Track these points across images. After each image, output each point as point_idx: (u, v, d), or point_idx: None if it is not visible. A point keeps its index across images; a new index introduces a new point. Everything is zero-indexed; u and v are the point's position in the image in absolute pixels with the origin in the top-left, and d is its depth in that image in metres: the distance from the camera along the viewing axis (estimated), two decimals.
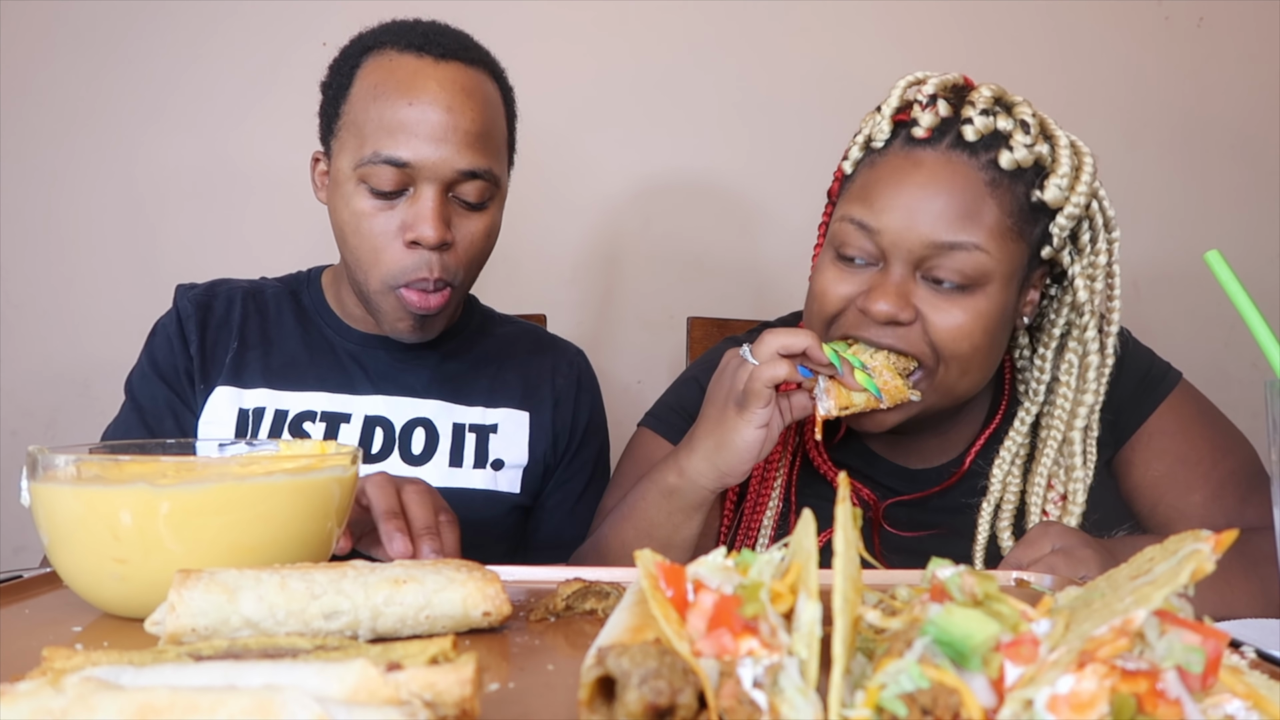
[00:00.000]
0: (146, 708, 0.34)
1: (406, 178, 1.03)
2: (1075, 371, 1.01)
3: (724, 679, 0.39)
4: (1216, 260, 0.72)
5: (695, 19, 1.79)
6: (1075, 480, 1.00)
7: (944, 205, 0.91)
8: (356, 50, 1.10)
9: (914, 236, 0.91)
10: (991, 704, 0.37)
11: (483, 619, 0.58)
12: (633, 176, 1.80)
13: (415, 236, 1.03)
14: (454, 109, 1.03)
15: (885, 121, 0.96)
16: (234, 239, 1.73)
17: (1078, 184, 0.94)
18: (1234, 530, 0.43)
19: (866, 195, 0.95)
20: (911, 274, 0.93)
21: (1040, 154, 0.93)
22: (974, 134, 0.92)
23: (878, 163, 0.96)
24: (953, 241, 0.91)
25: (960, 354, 0.94)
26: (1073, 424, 1.00)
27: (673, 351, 1.77)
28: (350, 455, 0.70)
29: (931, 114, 0.93)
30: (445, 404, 1.18)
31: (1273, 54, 1.87)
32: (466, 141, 1.03)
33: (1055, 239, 0.96)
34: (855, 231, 0.94)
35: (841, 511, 0.45)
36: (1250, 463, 1.07)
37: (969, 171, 0.92)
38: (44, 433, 1.70)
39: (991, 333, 0.95)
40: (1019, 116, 0.93)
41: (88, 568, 0.62)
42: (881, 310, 0.92)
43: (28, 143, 1.70)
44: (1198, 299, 1.84)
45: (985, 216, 0.91)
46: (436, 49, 1.06)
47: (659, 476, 0.97)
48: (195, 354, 1.16)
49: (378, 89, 1.05)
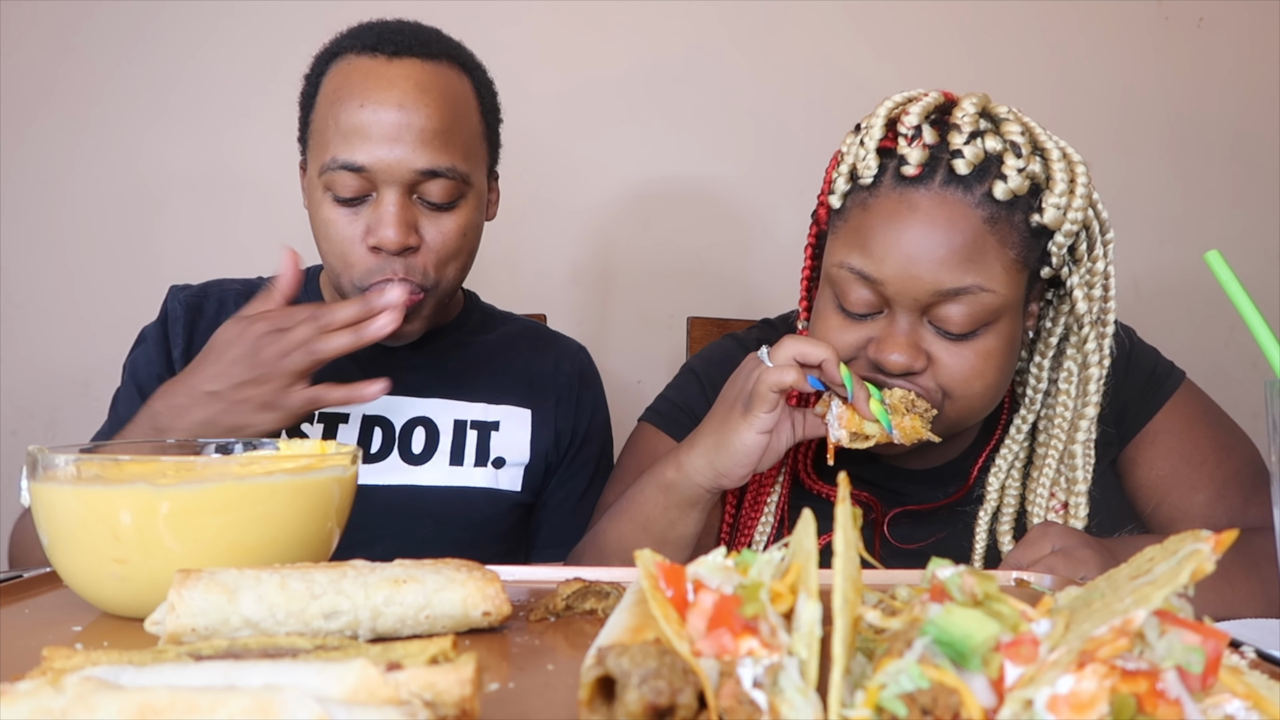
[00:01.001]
0: (146, 708, 0.34)
1: (366, 182, 1.02)
2: (1075, 380, 0.99)
3: (724, 679, 0.39)
4: (1216, 260, 0.72)
5: (697, 22, 1.79)
6: (1077, 493, 0.99)
7: (946, 251, 0.88)
8: (324, 58, 1.09)
9: (919, 286, 0.88)
10: (991, 704, 0.37)
11: (483, 619, 0.58)
12: (633, 178, 1.80)
13: (376, 241, 1.02)
14: (406, 106, 1.01)
15: (871, 156, 0.92)
16: (233, 239, 1.73)
17: (1073, 199, 0.91)
18: (1234, 530, 0.43)
19: (863, 242, 0.91)
20: (919, 320, 0.91)
21: (1034, 174, 0.90)
22: (966, 167, 0.88)
23: (870, 204, 0.92)
24: (958, 288, 0.88)
25: (973, 393, 0.93)
26: (1074, 436, 0.99)
27: (673, 351, 1.78)
28: (350, 455, 0.70)
29: (919, 149, 0.89)
30: (446, 401, 1.17)
31: (1273, 54, 1.87)
32: (422, 139, 1.01)
33: (1054, 258, 0.94)
34: (856, 281, 0.92)
35: (841, 511, 0.45)
36: (1254, 462, 1.07)
37: (966, 210, 0.88)
38: (44, 433, 1.70)
39: (1003, 368, 0.94)
40: (1008, 137, 0.90)
41: (88, 568, 0.62)
42: (896, 362, 0.90)
43: (28, 143, 1.70)
44: (1198, 299, 1.84)
45: (988, 255, 0.89)
46: (389, 47, 1.04)
47: (658, 470, 0.97)
48: (179, 357, 1.14)
49: (336, 94, 1.04)
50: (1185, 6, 1.86)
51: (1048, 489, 1.00)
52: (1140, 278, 1.86)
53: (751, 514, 1.07)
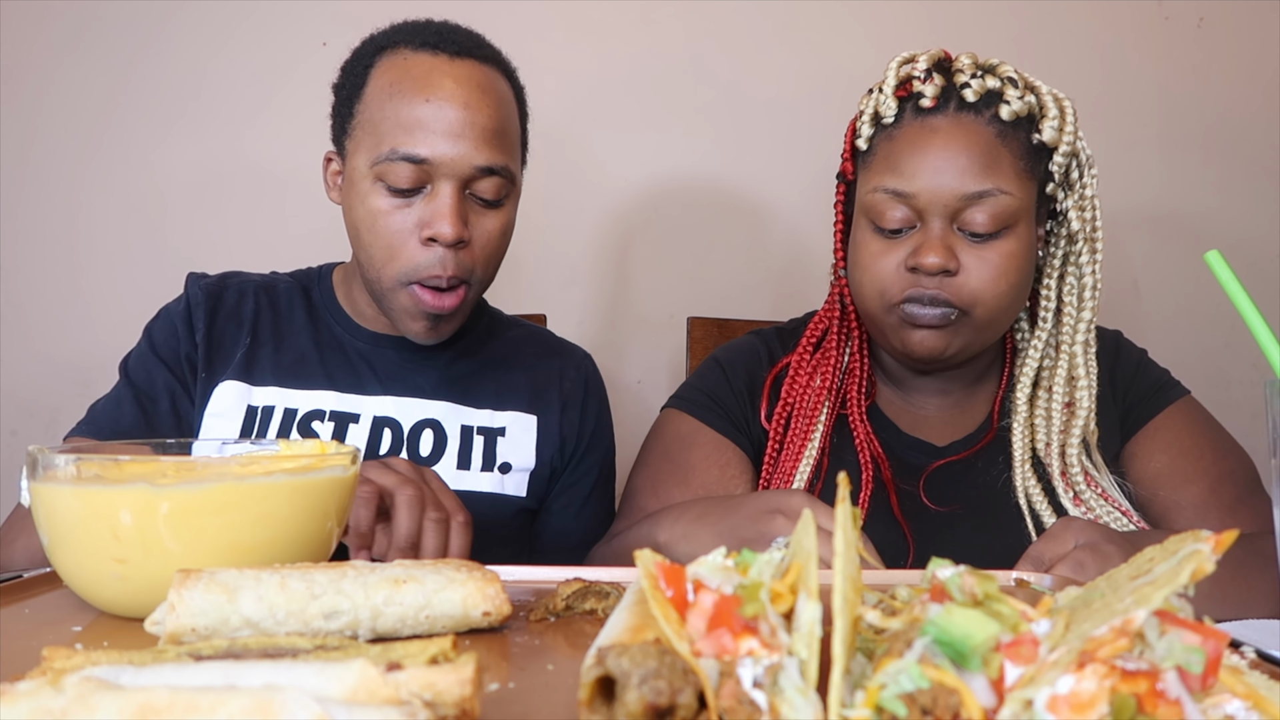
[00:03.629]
0: (146, 708, 0.34)
1: (424, 175, 1.03)
2: (1076, 292, 1.11)
3: (724, 679, 0.39)
4: (1216, 260, 0.72)
5: (700, 23, 1.79)
6: (1080, 388, 1.09)
7: (967, 161, 1.01)
8: (370, 50, 1.10)
9: (947, 192, 1.01)
10: (991, 704, 0.37)
11: (483, 619, 0.58)
12: (634, 177, 1.80)
13: (433, 233, 1.03)
14: (471, 105, 1.03)
15: (890, 99, 1.05)
16: (237, 239, 1.73)
17: (1065, 123, 1.05)
18: (1234, 530, 0.43)
19: (894, 165, 1.04)
20: (950, 227, 1.02)
21: (1031, 103, 1.05)
22: (974, 95, 1.03)
23: (895, 135, 1.05)
24: (981, 190, 1.00)
25: (999, 294, 1.03)
26: (1075, 339, 1.10)
27: (673, 351, 1.77)
28: (350, 455, 0.70)
29: (932, 85, 1.04)
30: (454, 406, 1.18)
31: (1272, 54, 1.86)
32: (484, 138, 1.04)
33: (1056, 175, 1.07)
34: (890, 200, 1.03)
35: (841, 511, 0.45)
36: (1248, 469, 1.11)
37: (979, 128, 1.02)
38: (44, 433, 1.70)
39: (1023, 270, 1.05)
40: (1004, 75, 1.06)
41: (88, 568, 0.62)
42: (933, 263, 1.00)
43: (30, 142, 1.70)
44: (1198, 299, 1.84)
45: (1003, 163, 1.02)
46: (451, 47, 1.06)
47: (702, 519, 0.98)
48: (201, 341, 1.15)
49: (394, 87, 1.05)
50: (1185, 6, 1.86)
51: (1058, 394, 1.10)
52: (1140, 278, 1.86)
53: (797, 452, 1.13)
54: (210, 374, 1.14)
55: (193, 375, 1.14)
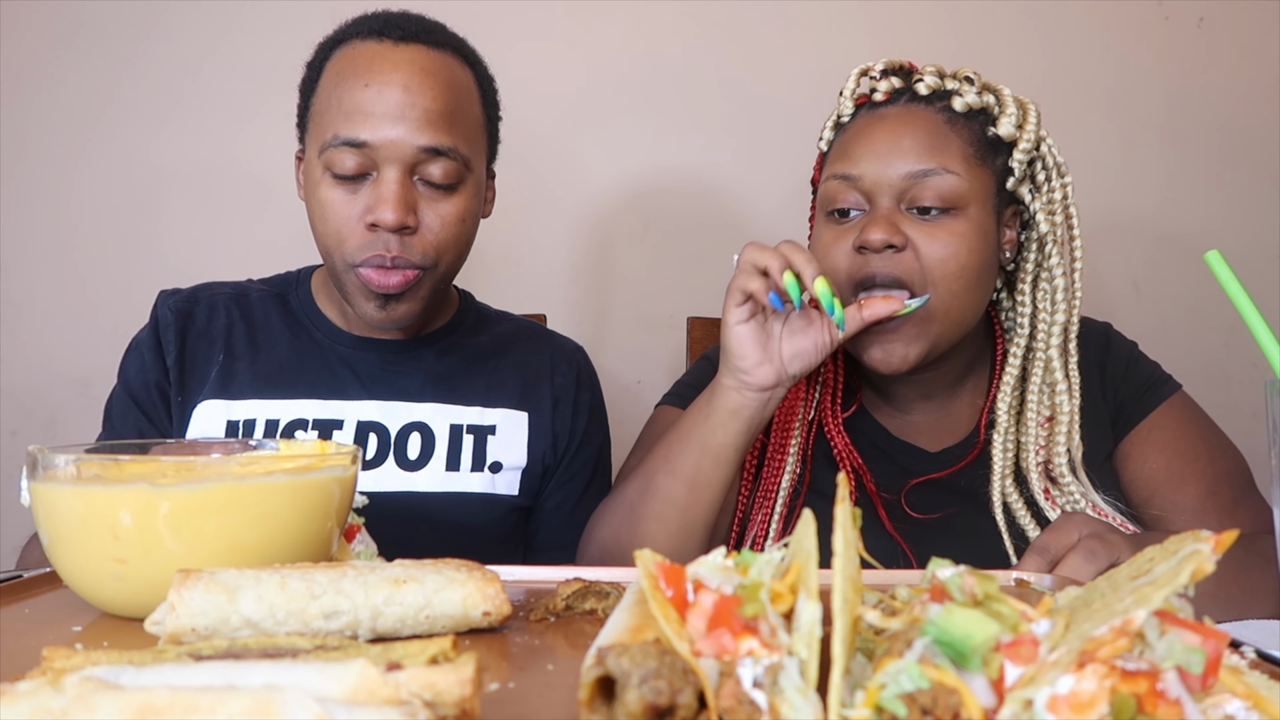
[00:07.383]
0: (146, 708, 0.34)
1: (367, 160, 1.03)
2: (1049, 296, 1.08)
3: (724, 679, 0.39)
4: (1216, 260, 0.72)
5: (698, 22, 1.79)
6: (1060, 394, 1.06)
7: (912, 142, 1.02)
8: (327, 46, 1.11)
9: (892, 172, 1.02)
10: (991, 704, 0.37)
11: (483, 619, 0.58)
12: (633, 177, 1.80)
13: (374, 219, 1.03)
14: (411, 88, 1.03)
15: (849, 101, 1.09)
16: (234, 240, 1.73)
17: (1026, 120, 1.05)
18: (1234, 530, 0.43)
19: (844, 153, 1.06)
20: (897, 207, 1.03)
21: (988, 101, 1.06)
22: (926, 89, 1.05)
23: (848, 128, 1.08)
24: (926, 169, 1.01)
25: (950, 274, 1.01)
26: (1050, 344, 1.07)
27: (673, 351, 1.77)
28: (350, 455, 0.70)
29: (887, 83, 1.07)
30: (441, 405, 1.16)
31: (1273, 54, 1.86)
32: (426, 119, 1.03)
33: (1016, 170, 1.05)
34: (839, 185, 1.05)
35: (841, 511, 0.45)
36: (1243, 470, 1.10)
37: (928, 115, 1.04)
38: (44, 433, 1.70)
39: (976, 253, 1.03)
40: (962, 75, 1.07)
41: (88, 568, 0.62)
42: (876, 238, 1.00)
43: (28, 143, 1.70)
44: (1198, 299, 1.84)
45: (951, 146, 1.03)
46: (396, 33, 1.06)
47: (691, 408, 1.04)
48: (173, 365, 1.13)
49: (339, 75, 1.05)
50: (1185, 6, 1.86)
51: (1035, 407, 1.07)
52: (1140, 278, 1.86)
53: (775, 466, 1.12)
54: (184, 396, 1.13)
55: (164, 403, 1.13)
